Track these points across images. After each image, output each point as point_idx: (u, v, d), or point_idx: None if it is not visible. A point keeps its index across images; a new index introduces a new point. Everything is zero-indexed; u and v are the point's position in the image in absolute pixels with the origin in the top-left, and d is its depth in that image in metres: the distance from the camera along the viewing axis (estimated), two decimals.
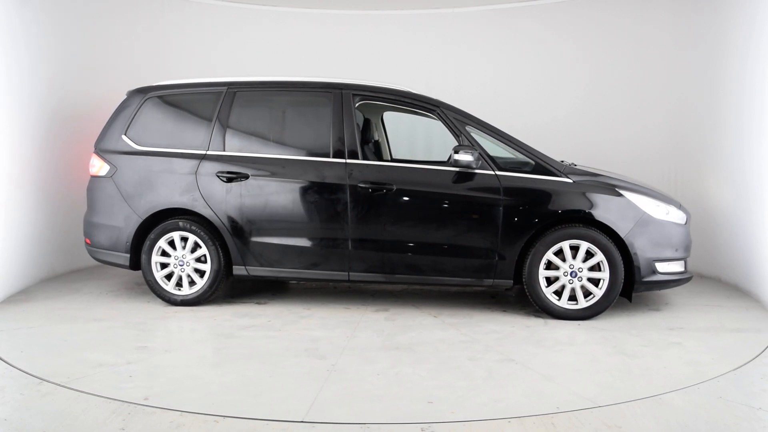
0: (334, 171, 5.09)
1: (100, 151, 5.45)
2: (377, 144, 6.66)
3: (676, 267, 5.08)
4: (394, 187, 5.01)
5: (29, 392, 3.44)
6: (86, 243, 5.54)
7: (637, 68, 7.39)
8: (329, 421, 3.10)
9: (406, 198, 5.02)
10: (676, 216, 5.10)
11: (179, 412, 3.19)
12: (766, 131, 5.40)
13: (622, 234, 4.85)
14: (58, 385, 3.52)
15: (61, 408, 3.24)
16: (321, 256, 5.12)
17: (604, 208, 4.89)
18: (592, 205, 4.89)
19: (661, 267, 4.96)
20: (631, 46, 7.43)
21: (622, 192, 4.96)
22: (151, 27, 7.39)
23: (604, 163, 6.66)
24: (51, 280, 6.20)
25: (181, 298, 5.29)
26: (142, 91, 5.51)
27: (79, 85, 6.51)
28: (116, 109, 5.53)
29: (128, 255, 5.32)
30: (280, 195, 5.13)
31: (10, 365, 3.82)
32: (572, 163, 5.50)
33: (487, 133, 5.14)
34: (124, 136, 5.40)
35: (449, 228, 4.98)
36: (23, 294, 5.62)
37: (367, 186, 5.03)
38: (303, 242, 5.12)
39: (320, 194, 5.08)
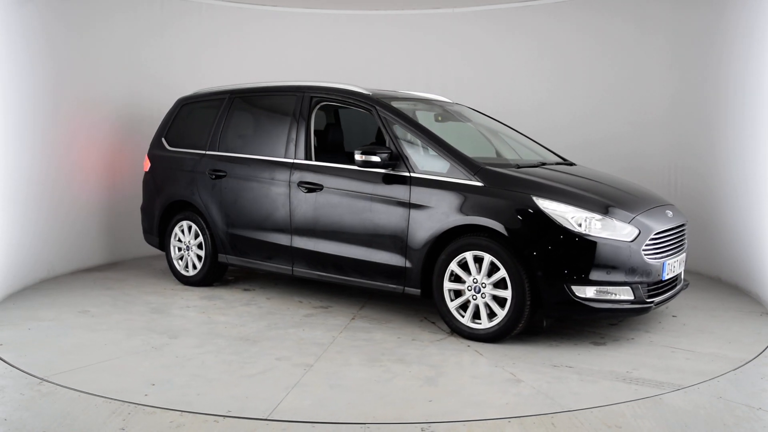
0: (282, 170, 5.36)
1: (150, 150, 6.56)
2: None
3: (616, 294, 4.15)
4: (323, 188, 5.08)
5: (29, 392, 3.50)
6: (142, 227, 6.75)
7: (637, 68, 7.21)
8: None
9: (330, 198, 5.05)
10: (618, 231, 4.16)
11: (179, 412, 3.23)
12: (766, 130, 5.21)
13: (523, 249, 4.17)
14: (58, 385, 3.60)
15: (61, 408, 3.29)
16: (273, 250, 5.45)
17: (504, 217, 4.26)
18: (488, 212, 4.31)
19: (582, 291, 4.12)
20: (630, 45, 7.27)
21: (536, 199, 4.25)
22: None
23: (603, 162, 6.49)
24: (150, 257, 7.55)
25: (186, 278, 6.12)
26: (182, 100, 6.47)
27: (83, 87, 6.66)
28: (165, 115, 6.58)
29: (158, 238, 6.35)
30: (245, 192, 5.59)
31: (11, 365, 3.92)
32: (564, 161, 5.04)
33: (410, 131, 4.86)
34: (162, 139, 6.43)
35: (366, 230, 4.87)
36: (115, 264, 7.03)
37: (303, 186, 5.19)
38: (261, 236, 5.50)
39: (272, 192, 5.40)
